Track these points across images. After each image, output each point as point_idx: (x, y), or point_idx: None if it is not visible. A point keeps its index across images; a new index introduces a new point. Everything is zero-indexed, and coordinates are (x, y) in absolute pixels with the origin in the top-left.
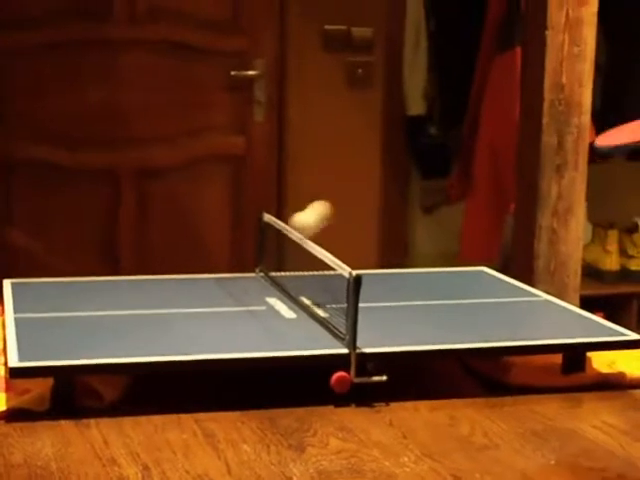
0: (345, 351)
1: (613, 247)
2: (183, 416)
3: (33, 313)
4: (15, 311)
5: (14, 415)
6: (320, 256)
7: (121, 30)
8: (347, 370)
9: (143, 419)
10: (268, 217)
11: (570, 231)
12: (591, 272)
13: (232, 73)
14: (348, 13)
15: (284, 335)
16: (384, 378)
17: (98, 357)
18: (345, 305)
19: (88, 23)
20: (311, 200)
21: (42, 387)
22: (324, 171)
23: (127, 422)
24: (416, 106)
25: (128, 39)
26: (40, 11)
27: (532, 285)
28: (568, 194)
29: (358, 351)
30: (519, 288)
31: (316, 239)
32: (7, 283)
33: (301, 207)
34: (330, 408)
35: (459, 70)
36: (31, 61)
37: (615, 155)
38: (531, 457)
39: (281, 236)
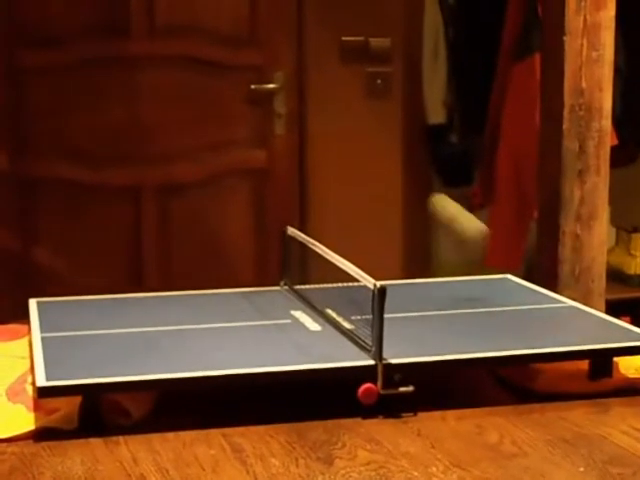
0: (372, 362)
1: (638, 251)
2: (211, 431)
3: (59, 332)
4: (41, 330)
5: (43, 434)
6: (344, 268)
7: (140, 47)
8: (374, 382)
9: (171, 435)
10: (292, 230)
11: (594, 236)
12: (616, 276)
13: (252, 87)
14: (366, 24)
15: (310, 348)
16: (411, 389)
17: (125, 374)
18: (370, 316)
19: (108, 41)
20: (334, 211)
21: (70, 405)
22: (346, 182)
23: (155, 438)
24: (436, 115)
25: (147, 55)
26: (61, 30)
27: (557, 291)
28: (591, 199)
29: (384, 362)
30: (544, 295)
31: (339, 251)
32: (33, 302)
33: (324, 219)
34: (358, 420)
35: (478, 78)
36: (53, 79)
37: None
38: (560, 464)
39: (305, 249)
